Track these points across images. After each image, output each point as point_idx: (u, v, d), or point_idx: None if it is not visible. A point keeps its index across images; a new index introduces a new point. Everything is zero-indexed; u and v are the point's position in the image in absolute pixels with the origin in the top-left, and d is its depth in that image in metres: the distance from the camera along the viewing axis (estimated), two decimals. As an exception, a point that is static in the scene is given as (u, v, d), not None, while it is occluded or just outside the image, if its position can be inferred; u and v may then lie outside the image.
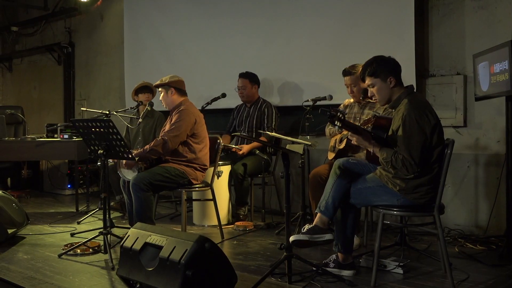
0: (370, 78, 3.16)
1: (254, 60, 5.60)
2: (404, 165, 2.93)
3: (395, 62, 3.17)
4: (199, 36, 6.19)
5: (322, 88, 4.95)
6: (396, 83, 3.12)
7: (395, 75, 3.13)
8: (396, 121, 3.04)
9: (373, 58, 3.20)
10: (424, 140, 2.94)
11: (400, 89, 3.14)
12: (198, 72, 6.04)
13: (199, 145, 4.24)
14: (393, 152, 2.98)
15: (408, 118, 2.95)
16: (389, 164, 2.99)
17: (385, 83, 3.13)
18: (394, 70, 3.15)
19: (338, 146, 4.03)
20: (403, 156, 2.93)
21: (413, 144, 2.93)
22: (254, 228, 4.71)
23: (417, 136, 2.93)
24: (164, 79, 4.36)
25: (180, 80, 4.37)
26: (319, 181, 3.81)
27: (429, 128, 2.96)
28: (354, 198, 3.19)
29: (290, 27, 5.43)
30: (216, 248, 2.73)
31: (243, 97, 5.23)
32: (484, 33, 4.33)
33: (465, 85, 4.44)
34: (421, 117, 2.95)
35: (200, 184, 4.26)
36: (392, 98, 3.14)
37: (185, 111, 4.20)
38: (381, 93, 3.15)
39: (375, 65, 3.14)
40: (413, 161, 2.92)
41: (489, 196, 4.32)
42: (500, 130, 4.19)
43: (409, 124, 2.94)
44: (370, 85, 3.18)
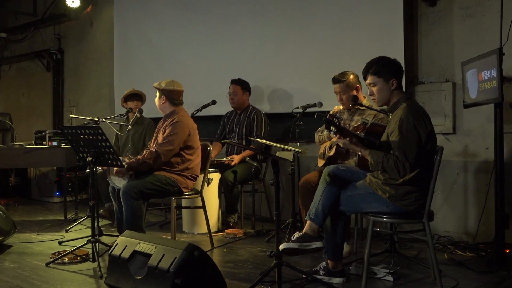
0: (373, 77, 3.16)
1: (244, 67, 5.61)
2: (396, 166, 2.92)
3: (399, 66, 3.19)
4: (189, 43, 6.19)
5: (312, 95, 4.97)
6: (397, 87, 3.14)
7: (397, 78, 3.14)
8: (392, 124, 3.05)
9: (379, 57, 3.19)
10: (419, 144, 2.94)
11: (400, 93, 3.15)
12: (188, 79, 6.00)
13: (192, 156, 4.23)
14: (384, 154, 2.98)
15: (406, 121, 2.96)
16: (379, 166, 2.98)
17: (387, 85, 3.13)
18: (398, 73, 3.16)
19: (328, 153, 4.04)
20: (396, 157, 2.92)
21: (408, 146, 2.93)
22: (244, 235, 4.70)
23: (413, 139, 2.94)
24: (162, 83, 4.29)
25: (176, 90, 4.28)
26: (309, 188, 3.81)
27: (425, 134, 2.97)
28: (344, 205, 3.19)
29: (280, 33, 5.45)
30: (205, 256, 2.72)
31: (233, 103, 5.23)
32: (473, 41, 4.37)
33: (454, 92, 4.47)
34: (419, 122, 2.97)
35: (190, 192, 4.25)
36: (391, 101, 3.15)
37: (179, 124, 4.15)
38: (381, 93, 3.15)
39: (380, 65, 3.14)
40: (407, 163, 2.92)
41: (478, 203, 4.34)
42: (489, 137, 4.22)
43: (407, 126, 2.95)
44: (372, 84, 3.17)
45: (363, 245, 3.90)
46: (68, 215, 5.64)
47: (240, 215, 5.05)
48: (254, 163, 4.82)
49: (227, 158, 5.01)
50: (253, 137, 5.00)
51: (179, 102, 4.31)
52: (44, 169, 6.86)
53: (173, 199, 4.16)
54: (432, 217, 3.15)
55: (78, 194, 6.28)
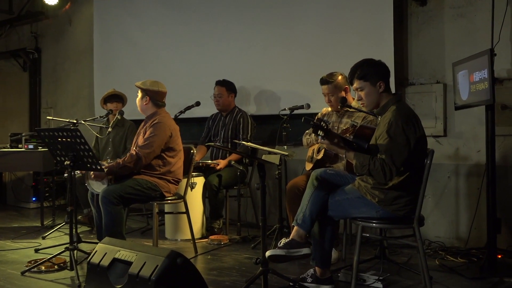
0: (359, 81, 3.15)
1: (230, 68, 5.61)
2: (383, 170, 2.93)
3: (385, 67, 3.18)
4: (173, 42, 6.18)
5: (299, 97, 4.98)
6: (385, 89, 3.14)
7: (384, 80, 3.14)
8: (381, 127, 3.06)
9: (363, 60, 3.19)
10: (408, 148, 2.96)
11: (388, 95, 3.16)
12: (171, 80, 5.98)
13: (173, 159, 4.21)
14: (370, 157, 2.99)
15: (395, 124, 2.97)
16: (365, 168, 2.98)
17: (374, 88, 3.13)
18: (384, 75, 3.16)
19: (316, 156, 4.05)
20: (383, 161, 2.93)
21: (396, 149, 2.94)
22: (229, 242, 4.69)
23: (401, 142, 2.95)
24: (147, 82, 4.27)
25: (161, 91, 4.27)
26: (297, 193, 3.82)
27: (414, 138, 2.98)
28: (332, 210, 3.20)
29: (267, 34, 5.45)
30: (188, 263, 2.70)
31: (218, 105, 5.22)
32: (464, 41, 4.42)
33: (444, 93, 4.51)
34: (408, 125, 2.98)
35: (172, 197, 4.23)
36: (380, 103, 3.16)
37: (160, 125, 4.13)
38: (369, 97, 3.16)
39: (365, 68, 3.14)
40: (394, 167, 2.93)
41: (469, 207, 4.38)
42: (480, 140, 4.26)
43: (395, 130, 2.96)
44: (359, 89, 3.17)
45: (352, 252, 3.91)
46: (45, 222, 5.59)
47: (225, 220, 5.04)
48: (239, 167, 4.81)
49: (212, 162, 5.00)
50: (239, 140, 5.00)
51: (162, 104, 4.30)
52: (20, 174, 6.79)
53: (155, 204, 4.14)
54: (422, 222, 3.17)
55: (56, 199, 6.23)
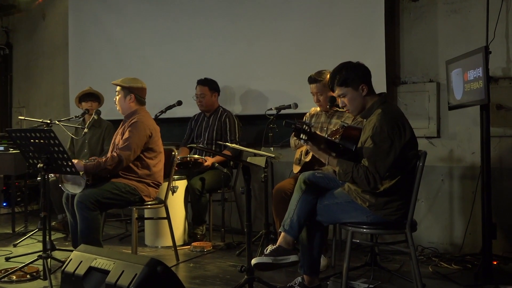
0: (340, 87, 3.15)
1: (213, 65, 5.60)
2: (366, 177, 2.95)
3: (365, 68, 3.18)
4: (153, 39, 6.16)
5: (286, 96, 4.99)
6: (368, 91, 3.14)
7: (366, 82, 3.15)
8: (366, 131, 3.07)
9: (341, 65, 3.19)
10: (393, 154, 2.97)
11: (373, 97, 3.16)
12: (152, 78, 5.95)
13: (153, 161, 4.19)
14: (354, 164, 3.00)
15: (379, 129, 2.97)
16: (348, 176, 3.00)
17: (357, 92, 3.13)
18: (365, 77, 3.16)
19: (304, 158, 4.06)
20: (366, 168, 2.95)
21: (380, 156, 2.96)
22: (212, 249, 4.69)
23: (385, 149, 2.96)
24: (126, 80, 4.27)
25: (143, 87, 4.29)
26: (284, 197, 3.82)
27: (401, 142, 2.99)
28: (321, 215, 3.20)
29: (252, 29, 5.46)
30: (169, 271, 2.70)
31: (202, 106, 5.21)
32: (458, 38, 4.46)
33: (438, 93, 4.55)
34: (393, 129, 2.98)
35: (152, 201, 4.21)
36: (366, 107, 3.16)
37: (139, 124, 4.12)
38: (353, 103, 3.16)
39: (344, 73, 3.13)
40: (377, 174, 2.95)
41: (464, 212, 4.42)
42: (475, 141, 4.30)
43: (380, 135, 2.97)
44: (341, 95, 3.17)
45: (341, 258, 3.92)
46: (17, 228, 5.54)
47: (208, 226, 5.03)
48: (223, 169, 4.82)
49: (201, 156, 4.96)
50: (226, 141, 4.98)
51: (144, 101, 4.31)
52: (-11, 177, 6.72)
53: (134, 209, 4.12)
54: (415, 227, 3.19)
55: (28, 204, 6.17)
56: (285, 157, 4.58)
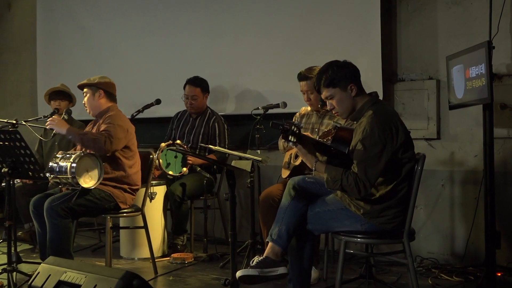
0: (327, 89, 3.16)
1: (195, 61, 5.60)
2: (356, 185, 2.95)
3: (353, 66, 3.20)
4: (130, 33, 6.15)
5: (275, 94, 5.00)
6: (357, 91, 3.15)
7: (355, 82, 3.15)
8: (357, 135, 3.08)
9: (327, 65, 3.20)
10: (385, 159, 2.98)
11: (363, 98, 3.17)
12: (129, 75, 5.98)
13: (130, 161, 4.18)
14: (343, 170, 3.01)
15: (370, 132, 2.98)
16: (337, 184, 3.01)
17: (345, 93, 3.14)
18: (354, 76, 3.17)
19: (294, 162, 4.07)
20: (356, 175, 2.96)
21: (370, 162, 2.97)
22: (194, 260, 4.68)
23: (376, 154, 2.97)
24: (92, 79, 4.30)
25: (112, 82, 4.33)
26: (271, 204, 3.82)
27: (395, 145, 3.00)
28: (312, 223, 3.21)
29: (238, 23, 5.46)
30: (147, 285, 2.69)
31: (192, 108, 5.20)
32: (459, 32, 4.48)
33: (438, 91, 4.57)
34: (385, 132, 2.99)
35: (129, 209, 4.20)
36: (356, 108, 3.17)
37: (116, 116, 4.14)
38: (342, 104, 3.17)
39: (331, 73, 3.14)
40: (368, 182, 2.95)
41: (466, 219, 4.44)
42: (478, 143, 4.32)
43: (370, 139, 2.98)
44: (329, 97, 3.18)
45: (334, 270, 3.93)
46: (-21, 239, 5.50)
47: (189, 236, 5.02)
48: (206, 174, 4.81)
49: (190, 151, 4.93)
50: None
51: (115, 97, 4.30)
52: (-51, 183, 6.65)
53: (108, 217, 4.10)
54: (413, 236, 3.20)
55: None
56: (273, 161, 4.57)
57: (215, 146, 4.90)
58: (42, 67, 6.86)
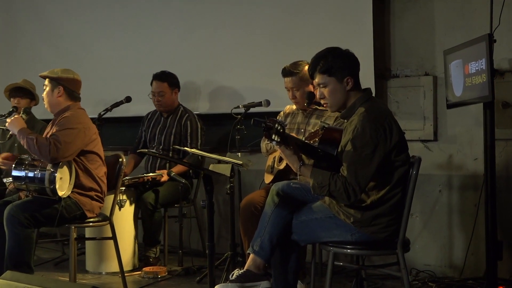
0: (322, 75, 3.16)
1: (169, 55, 5.60)
2: (345, 190, 2.96)
3: (354, 58, 3.20)
4: (99, 25, 6.14)
5: (257, 92, 5.01)
6: (353, 86, 3.16)
7: (353, 76, 3.16)
8: (347, 134, 3.08)
9: (328, 50, 3.19)
10: (377, 161, 2.98)
11: (357, 94, 3.18)
12: (97, 70, 5.96)
13: (94, 165, 4.14)
14: (330, 174, 3.01)
15: (361, 131, 2.98)
16: (325, 189, 3.00)
17: (340, 85, 3.15)
18: (353, 69, 3.18)
19: (278, 166, 4.07)
20: (345, 180, 2.96)
21: (361, 165, 2.97)
22: (168, 274, 4.68)
23: (368, 155, 2.97)
24: (55, 71, 4.20)
25: (75, 79, 4.23)
26: (253, 212, 3.82)
27: (388, 146, 3.01)
28: (297, 233, 3.21)
29: (217, 14, 5.45)
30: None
31: (160, 106, 5.18)
32: (457, 24, 4.51)
33: (435, 88, 4.59)
34: (377, 131, 2.99)
35: (95, 218, 4.17)
36: (347, 103, 3.18)
37: (70, 118, 4.05)
38: (334, 96, 3.17)
39: (330, 60, 3.14)
40: (357, 187, 2.96)
41: (465, 228, 4.47)
42: (478, 145, 4.35)
43: (361, 139, 2.98)
44: (321, 85, 3.18)
45: (322, 284, 3.93)
46: None
47: (163, 248, 5.00)
48: (181, 179, 4.76)
49: (154, 173, 4.90)
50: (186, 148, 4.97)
51: (78, 96, 4.23)
52: None
53: (73, 227, 4.06)
54: (408, 247, 3.22)
55: None
56: (255, 165, 4.58)
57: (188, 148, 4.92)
58: (2, 60, 6.80)
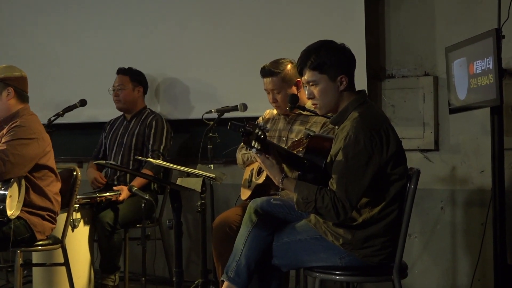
0: (313, 72, 3.14)
1: (130, 54, 5.62)
2: (334, 207, 2.95)
3: (350, 54, 3.19)
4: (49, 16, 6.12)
5: (232, 94, 5.02)
6: (347, 86, 3.15)
7: (348, 74, 3.16)
8: (337, 142, 3.08)
9: (321, 43, 3.18)
10: (370, 174, 2.98)
11: (350, 96, 3.18)
12: (45, 68, 5.94)
13: (45, 181, 4.11)
14: (317, 189, 3.00)
15: (354, 140, 2.98)
16: (310, 206, 2.99)
17: (333, 84, 3.13)
18: (349, 67, 3.17)
19: (256, 179, 4.06)
20: (334, 195, 2.96)
21: (353, 177, 2.97)
22: (129, 306, 4.65)
23: (361, 166, 2.97)
24: None
25: (24, 77, 4.21)
26: (228, 233, 3.82)
27: (384, 157, 3.01)
28: (279, 257, 3.22)
29: (186, 6, 5.47)
30: None
31: (118, 101, 5.22)
32: (461, 18, 4.54)
33: (435, 90, 4.62)
34: (372, 140, 2.99)
35: (45, 240, 4.14)
36: (339, 106, 3.18)
37: (24, 126, 4.03)
38: (325, 96, 3.16)
39: (323, 55, 3.12)
40: (348, 203, 2.95)
41: (471, 250, 4.49)
42: (485, 155, 4.36)
43: (354, 148, 2.98)
44: (311, 82, 3.17)
45: (307, 316, 3.94)
46: None
47: (123, 275, 4.99)
48: (144, 195, 4.74)
49: (112, 193, 4.88)
50: (147, 152, 4.99)
51: (27, 96, 4.19)
52: None
53: (19, 252, 4.03)
54: (405, 272, 3.23)
55: None
56: (230, 178, 4.58)
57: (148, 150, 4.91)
58: None
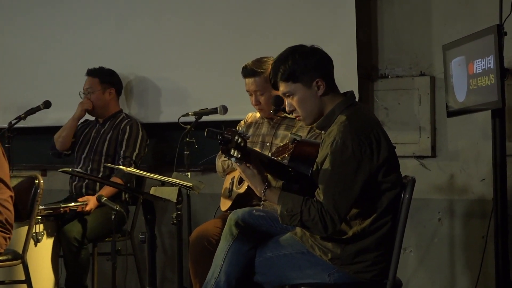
0: (285, 83, 3.16)
1: (99, 51, 5.63)
2: (322, 220, 2.94)
3: (322, 55, 3.20)
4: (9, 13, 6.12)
5: (211, 95, 5.02)
6: (326, 89, 3.15)
7: (324, 76, 3.15)
8: (324, 148, 3.09)
9: (288, 51, 3.19)
10: (360, 183, 2.98)
11: (334, 98, 3.18)
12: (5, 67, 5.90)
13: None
14: (303, 200, 3.00)
15: (342, 146, 2.98)
16: (296, 218, 2.99)
17: (310, 90, 3.14)
18: (323, 68, 3.17)
19: (237, 189, 4.06)
20: (321, 206, 2.96)
21: (341, 187, 2.97)
22: (98, 327, 4.63)
23: (349, 174, 2.97)
24: None
25: None
26: (206, 247, 3.83)
27: (374, 163, 3.02)
28: (262, 273, 3.22)
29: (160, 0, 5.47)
30: None
31: None
32: (460, 13, 4.56)
33: (432, 92, 4.63)
34: (361, 145, 2.99)
35: (3, 256, 4.12)
36: (324, 112, 3.19)
37: None
38: (305, 106, 3.17)
39: (291, 63, 3.13)
40: (336, 215, 2.95)
41: (471, 265, 4.51)
42: (485, 162, 4.39)
43: (341, 154, 2.98)
44: (287, 94, 3.18)
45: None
46: None
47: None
48: (115, 205, 4.73)
49: (78, 203, 4.86)
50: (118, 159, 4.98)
51: None
52: None
53: (-26, 269, 4.02)
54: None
55: None
56: (209, 187, 4.57)
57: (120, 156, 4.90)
58: None
